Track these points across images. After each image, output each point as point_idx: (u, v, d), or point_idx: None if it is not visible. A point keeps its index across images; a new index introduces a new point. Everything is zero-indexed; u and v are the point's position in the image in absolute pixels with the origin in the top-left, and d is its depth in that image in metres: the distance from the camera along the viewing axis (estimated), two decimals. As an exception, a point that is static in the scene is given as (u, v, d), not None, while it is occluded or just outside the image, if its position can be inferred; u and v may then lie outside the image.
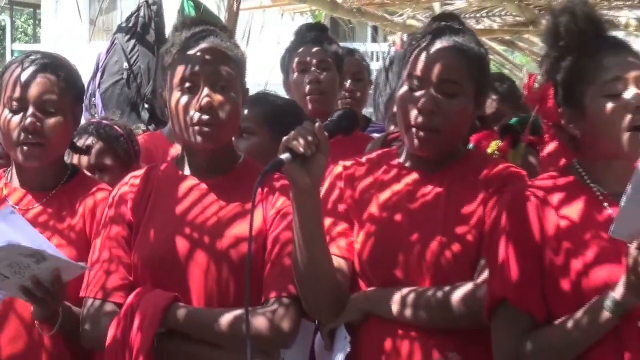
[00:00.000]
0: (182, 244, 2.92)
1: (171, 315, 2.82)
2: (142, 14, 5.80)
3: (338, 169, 3.01)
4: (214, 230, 2.92)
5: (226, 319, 2.80)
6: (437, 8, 7.41)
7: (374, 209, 2.91)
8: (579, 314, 2.52)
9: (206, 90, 2.86)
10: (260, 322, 2.79)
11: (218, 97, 2.87)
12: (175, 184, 3.02)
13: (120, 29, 5.81)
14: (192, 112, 2.87)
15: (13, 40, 28.02)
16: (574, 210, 2.65)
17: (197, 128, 2.87)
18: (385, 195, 2.92)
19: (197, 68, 2.89)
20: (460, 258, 2.81)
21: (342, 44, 5.00)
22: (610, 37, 2.78)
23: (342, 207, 2.96)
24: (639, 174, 2.33)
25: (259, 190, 2.82)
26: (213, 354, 2.86)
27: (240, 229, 2.84)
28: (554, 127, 2.95)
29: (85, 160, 3.66)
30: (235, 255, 2.84)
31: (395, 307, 2.79)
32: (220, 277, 2.88)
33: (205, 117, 2.86)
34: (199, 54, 2.91)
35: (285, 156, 2.52)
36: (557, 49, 2.77)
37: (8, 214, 2.86)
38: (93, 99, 5.41)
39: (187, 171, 3.02)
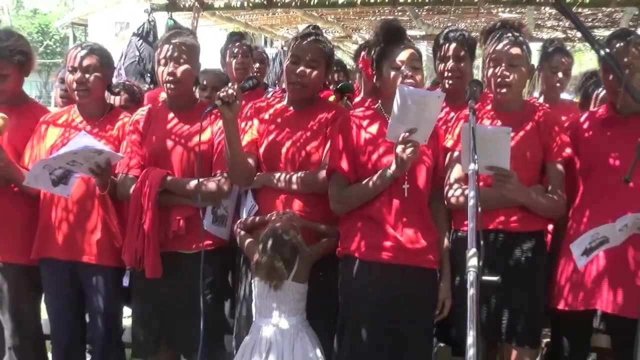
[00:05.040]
0: (167, 145, 2.89)
1: (165, 181, 2.81)
2: (145, 26, 5.63)
3: (249, 104, 2.96)
4: (183, 139, 2.89)
5: (192, 183, 2.79)
6: (300, 27, 7.43)
7: (266, 116, 2.87)
8: (373, 178, 2.57)
9: (171, 64, 2.84)
10: (211, 185, 2.80)
11: (178, 68, 2.83)
12: (163, 114, 2.97)
13: (134, 34, 5.64)
14: (165, 76, 2.85)
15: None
16: (373, 127, 2.68)
17: (167, 84, 2.87)
18: (271, 111, 2.89)
19: (168, 52, 2.85)
20: (313, 153, 2.78)
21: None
22: (403, 37, 2.73)
23: (249, 114, 2.91)
24: (398, 93, 2.38)
25: (210, 117, 2.83)
26: (186, 201, 2.82)
27: (197, 138, 2.78)
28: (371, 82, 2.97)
29: (117, 100, 3.55)
30: (196, 151, 2.80)
31: (277, 181, 2.77)
32: (189, 163, 2.86)
33: (170, 78, 2.84)
34: (169, 44, 2.86)
35: (218, 102, 2.49)
36: (375, 42, 2.74)
37: (83, 134, 2.89)
38: (120, 71, 5.30)
39: (169, 107, 2.97)
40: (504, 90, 2.63)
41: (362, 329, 2.57)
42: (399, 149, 2.42)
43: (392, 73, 2.62)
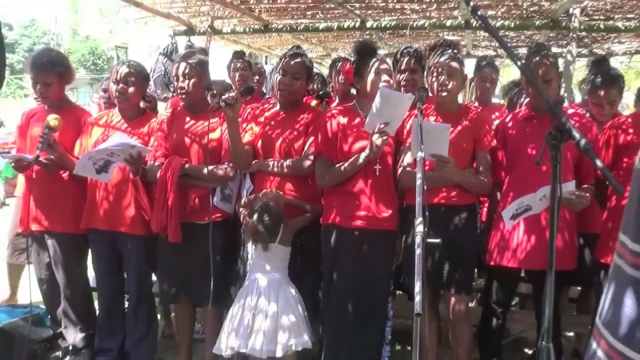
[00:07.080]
0: (185, 140, 2.83)
1: (184, 167, 2.76)
2: (169, 47, 5.49)
3: (248, 108, 2.91)
4: (198, 136, 2.82)
5: (205, 169, 2.72)
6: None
7: (262, 118, 2.81)
8: (351, 160, 2.54)
9: (181, 78, 2.79)
10: (220, 171, 2.76)
11: (186, 82, 2.78)
12: (182, 115, 2.91)
13: (160, 53, 5.47)
14: (178, 89, 2.81)
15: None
16: (351, 120, 2.64)
17: (180, 95, 2.83)
18: (267, 114, 2.83)
19: (179, 69, 2.80)
20: (300, 146, 2.72)
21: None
22: (375, 51, 2.70)
23: (249, 116, 2.85)
24: (379, 94, 2.34)
25: (219, 119, 2.79)
26: (199, 182, 2.77)
27: (210, 135, 2.76)
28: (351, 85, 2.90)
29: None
30: (208, 145, 2.74)
31: (270, 167, 2.72)
32: (203, 153, 2.78)
33: (180, 91, 2.81)
34: (181, 63, 2.81)
35: (222, 103, 2.44)
36: (357, 55, 2.69)
37: (121, 133, 2.88)
38: (150, 82, 5.19)
39: (187, 111, 2.91)
40: (443, 94, 2.61)
41: (344, 279, 2.57)
42: (375, 137, 2.39)
43: (373, 77, 2.58)
